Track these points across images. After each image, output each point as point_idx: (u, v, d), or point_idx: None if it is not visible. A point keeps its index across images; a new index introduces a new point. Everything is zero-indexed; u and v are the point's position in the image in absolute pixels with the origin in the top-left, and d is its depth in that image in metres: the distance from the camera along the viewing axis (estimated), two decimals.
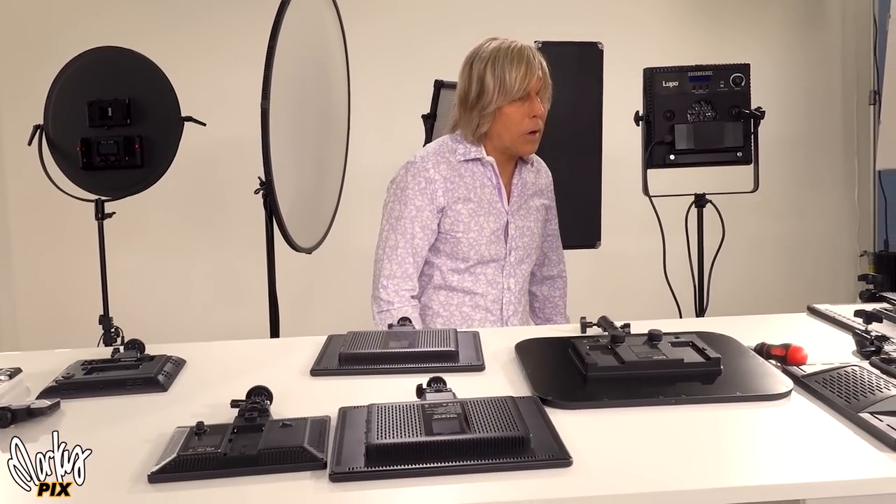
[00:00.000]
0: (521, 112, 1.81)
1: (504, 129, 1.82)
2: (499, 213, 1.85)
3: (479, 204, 1.83)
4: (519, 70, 1.78)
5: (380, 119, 3.49)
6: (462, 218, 1.81)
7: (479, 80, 1.80)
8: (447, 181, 1.82)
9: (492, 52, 1.81)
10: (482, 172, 1.85)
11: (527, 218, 1.91)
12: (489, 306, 1.85)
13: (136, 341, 1.34)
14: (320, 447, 0.92)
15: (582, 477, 0.86)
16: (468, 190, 1.83)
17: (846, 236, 4.13)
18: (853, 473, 0.87)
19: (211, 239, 3.66)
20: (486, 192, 1.84)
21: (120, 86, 2.45)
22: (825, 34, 4.06)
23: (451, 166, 1.83)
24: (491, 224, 1.83)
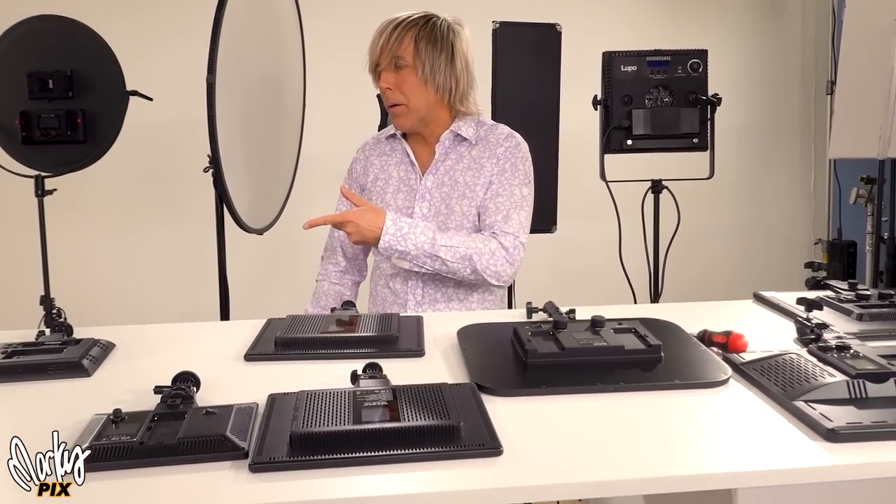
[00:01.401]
0: (379, 85, 1.74)
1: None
2: (409, 191, 1.76)
3: (389, 181, 1.78)
4: (372, 44, 1.71)
5: (336, 99, 3.42)
6: (371, 198, 1.80)
7: None
8: (366, 159, 1.84)
9: None
10: (399, 149, 1.81)
11: (448, 196, 1.72)
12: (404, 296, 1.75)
13: (62, 323, 1.28)
14: (244, 436, 0.89)
15: (511, 466, 0.84)
16: (380, 168, 1.81)
17: (801, 224, 4.19)
18: (784, 463, 0.86)
19: (161, 218, 3.57)
20: (400, 170, 1.79)
21: (62, 57, 2.34)
22: (785, 23, 4.09)
23: (377, 145, 1.84)
24: (398, 202, 1.76)
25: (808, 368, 1.03)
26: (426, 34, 1.68)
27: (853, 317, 1.36)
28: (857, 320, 1.34)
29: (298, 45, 2.70)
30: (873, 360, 1.03)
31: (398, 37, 1.67)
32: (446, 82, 1.69)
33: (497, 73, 2.41)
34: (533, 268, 3.24)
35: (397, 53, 1.67)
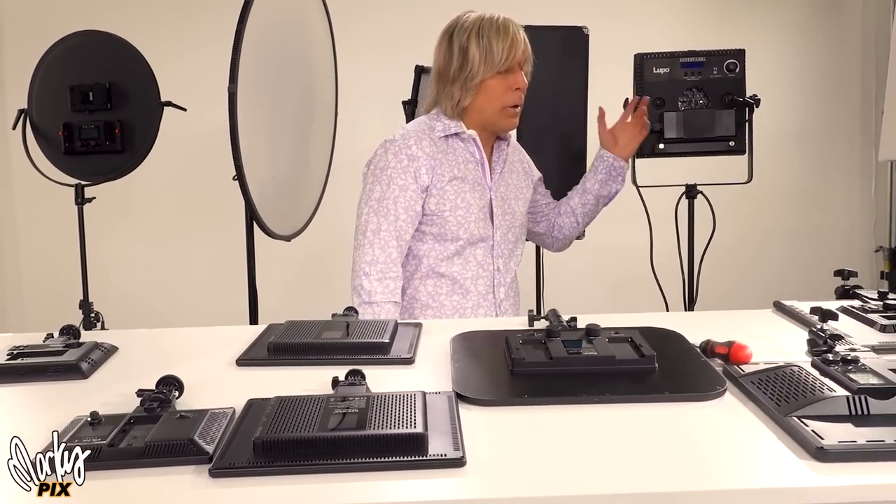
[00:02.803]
0: (505, 85, 1.75)
1: (487, 103, 1.76)
2: (483, 190, 1.78)
3: (464, 180, 1.76)
4: (505, 41, 1.73)
5: (370, 106, 3.46)
6: (448, 196, 1.73)
7: (461, 51, 1.74)
8: (431, 158, 1.73)
9: (475, 22, 1.76)
10: (464, 148, 1.78)
11: (508, 195, 1.84)
12: (481, 290, 1.78)
13: (70, 327, 1.32)
14: (212, 441, 0.89)
15: (472, 478, 0.82)
16: (452, 166, 1.75)
17: (861, 231, 4.00)
18: (766, 482, 0.81)
19: (195, 225, 3.68)
20: (469, 168, 1.78)
21: (101, 70, 2.45)
22: (843, 20, 3.92)
23: (434, 142, 1.76)
24: (477, 201, 1.76)
25: (808, 382, 0.97)
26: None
27: (877, 328, 1.28)
28: (881, 332, 1.26)
29: (329, 52, 2.73)
30: (880, 375, 0.96)
31: (525, 39, 1.78)
32: None
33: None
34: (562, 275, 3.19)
35: (527, 55, 1.78)
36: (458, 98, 1.75)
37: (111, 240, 3.53)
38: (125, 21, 2.94)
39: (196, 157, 3.56)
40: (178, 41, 3.50)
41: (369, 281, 1.68)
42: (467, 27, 1.76)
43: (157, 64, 2.50)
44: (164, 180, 3.51)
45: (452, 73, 1.75)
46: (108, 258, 3.43)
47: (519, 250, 1.89)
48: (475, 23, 1.75)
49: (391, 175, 1.72)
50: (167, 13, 3.59)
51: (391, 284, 1.69)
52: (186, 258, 3.70)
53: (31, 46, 2.61)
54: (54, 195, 2.65)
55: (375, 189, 1.73)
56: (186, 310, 3.64)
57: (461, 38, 1.75)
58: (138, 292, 3.65)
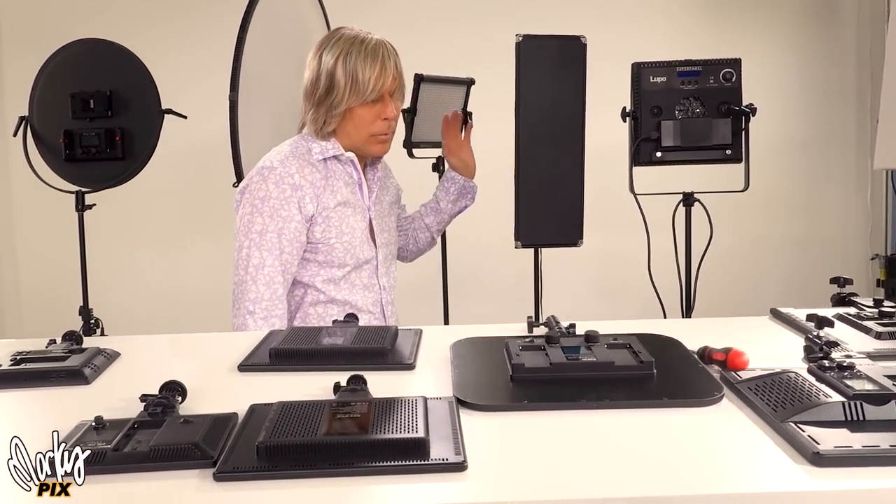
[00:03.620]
0: (373, 113, 1.68)
1: (353, 130, 1.70)
2: (363, 212, 1.75)
3: (347, 205, 1.70)
4: (374, 69, 1.65)
5: None
6: (334, 223, 1.67)
7: (328, 74, 1.65)
8: (314, 185, 1.66)
9: (344, 44, 1.66)
10: (343, 170, 1.73)
11: (383, 213, 1.83)
12: (371, 309, 1.76)
13: (72, 332, 1.33)
14: (216, 445, 0.90)
15: (474, 482, 0.83)
16: (336, 191, 1.69)
17: (857, 239, 4.02)
18: (763, 487, 0.82)
19: (196, 232, 3.69)
20: (350, 191, 1.73)
21: (101, 78, 2.47)
22: (839, 30, 3.95)
23: (314, 167, 1.68)
24: (360, 223, 1.72)
25: (805, 388, 0.98)
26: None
27: (872, 335, 1.29)
28: (877, 339, 1.28)
29: None
30: (876, 381, 0.97)
31: (397, 63, 1.71)
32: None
33: (521, 86, 2.39)
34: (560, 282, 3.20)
35: (398, 82, 1.71)
36: (322, 122, 1.68)
37: (111, 246, 3.54)
38: (126, 29, 2.95)
39: (196, 164, 3.58)
40: (179, 49, 3.52)
41: (254, 320, 1.62)
42: (336, 49, 1.66)
43: (157, 72, 2.52)
44: (164, 187, 3.52)
45: (318, 95, 1.67)
46: (108, 265, 3.44)
47: (395, 266, 1.89)
48: (345, 45, 1.65)
49: (274, 206, 1.62)
50: (168, 21, 3.61)
51: (276, 323, 1.63)
52: (186, 265, 3.71)
53: (32, 54, 2.63)
54: (55, 202, 2.66)
55: (256, 221, 1.63)
56: (186, 316, 3.64)
57: (328, 60, 1.66)
58: (138, 299, 3.65)
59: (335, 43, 1.66)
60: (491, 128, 3.01)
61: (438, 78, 2.73)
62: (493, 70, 2.93)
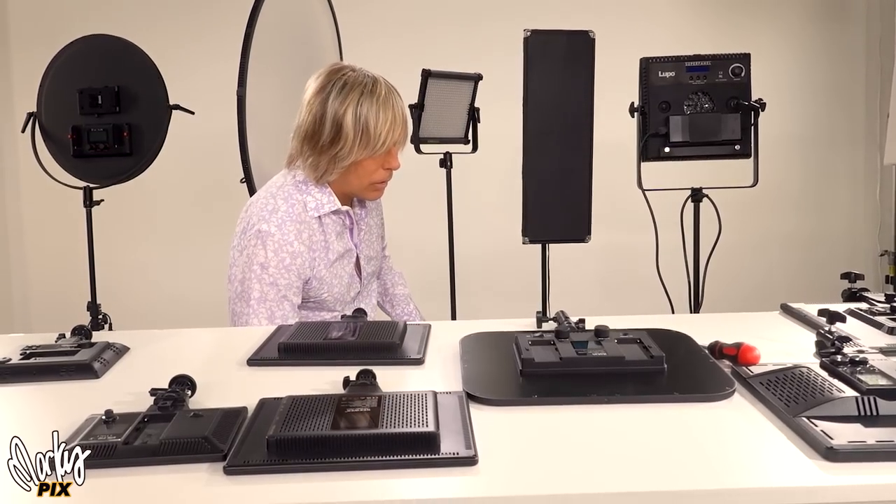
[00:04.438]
0: (377, 163, 1.61)
1: (356, 179, 1.63)
2: (351, 253, 1.71)
3: (338, 259, 1.67)
4: (385, 122, 1.56)
5: None
6: (326, 281, 1.64)
7: (334, 122, 1.55)
8: (311, 250, 1.61)
9: (354, 91, 1.56)
10: (336, 221, 1.67)
11: (370, 241, 1.79)
12: None
13: (82, 327, 1.33)
14: (226, 439, 0.90)
15: (484, 476, 0.82)
16: (328, 250, 1.64)
17: (866, 235, 4.00)
18: (778, 481, 0.81)
19: (203, 228, 3.69)
20: (340, 242, 1.67)
21: (110, 73, 2.46)
22: (848, 26, 3.92)
23: (310, 228, 1.61)
24: (347, 270, 1.70)
25: (818, 383, 0.98)
26: None
27: (884, 330, 1.28)
28: (889, 334, 1.27)
29: (336, 56, 2.75)
30: (889, 376, 0.96)
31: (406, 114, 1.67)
32: None
33: (529, 82, 2.39)
34: (568, 277, 3.19)
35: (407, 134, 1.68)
36: (323, 171, 1.59)
37: (119, 242, 3.55)
38: (134, 25, 2.95)
39: (204, 160, 3.58)
40: (187, 45, 3.53)
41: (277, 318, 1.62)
42: (346, 97, 1.56)
43: (165, 67, 2.51)
44: (172, 183, 3.53)
45: (322, 143, 1.57)
46: (116, 260, 3.44)
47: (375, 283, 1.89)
48: (356, 94, 1.55)
49: (273, 275, 1.56)
50: (176, 17, 3.61)
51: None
52: (194, 260, 3.71)
53: (40, 50, 2.63)
54: (63, 198, 2.66)
55: (254, 287, 1.56)
56: (194, 312, 3.64)
57: (336, 108, 1.55)
58: (146, 294, 3.66)
59: (344, 89, 1.56)
60: (498, 124, 3.01)
61: (446, 73, 2.73)
62: (500, 65, 2.92)
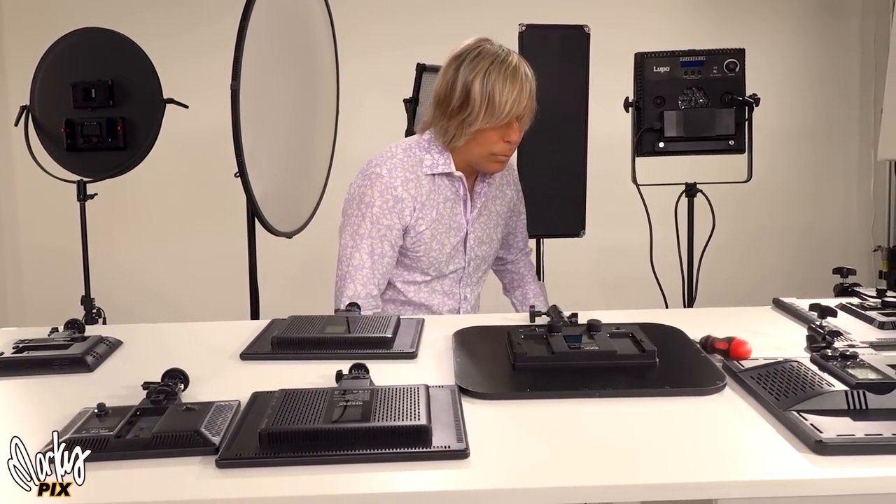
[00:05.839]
0: (498, 135, 1.62)
1: (477, 148, 1.64)
2: (459, 227, 1.72)
3: (441, 221, 1.69)
4: (511, 93, 1.58)
5: (372, 103, 3.47)
6: (424, 239, 1.68)
7: (464, 89, 1.59)
8: (414, 200, 1.66)
9: (485, 60, 1.59)
10: (448, 186, 1.70)
11: (487, 226, 1.78)
12: (444, 314, 1.74)
13: (75, 321, 1.33)
14: (218, 432, 0.90)
15: (476, 469, 0.83)
16: (433, 208, 1.68)
17: (860, 231, 4.01)
18: (768, 474, 0.82)
19: (197, 221, 3.69)
20: (448, 207, 1.70)
21: (103, 67, 2.45)
22: (843, 21, 3.93)
23: (419, 181, 1.67)
24: (452, 240, 1.70)
25: (808, 377, 0.98)
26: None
27: (875, 325, 1.29)
28: (879, 328, 1.28)
29: (331, 49, 2.74)
30: (878, 371, 0.97)
31: (534, 91, 1.64)
32: None
33: None
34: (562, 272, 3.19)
35: (533, 105, 1.64)
36: (451, 136, 1.64)
37: (113, 236, 3.54)
38: (127, 18, 2.94)
39: (198, 153, 3.57)
40: (181, 38, 3.51)
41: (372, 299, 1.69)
42: (476, 64, 1.59)
43: (158, 61, 2.50)
44: (165, 177, 3.52)
45: (451, 108, 1.62)
46: (110, 254, 3.44)
47: (487, 273, 1.86)
48: (486, 62, 1.59)
49: (376, 214, 1.65)
50: (169, 10, 3.59)
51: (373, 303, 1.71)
52: (188, 254, 3.71)
53: (33, 43, 2.62)
54: (56, 191, 2.65)
55: (361, 224, 1.66)
56: (188, 306, 3.65)
57: (466, 75, 1.59)
58: (140, 288, 3.66)
59: (476, 58, 1.59)
60: None
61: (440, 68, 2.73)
62: None
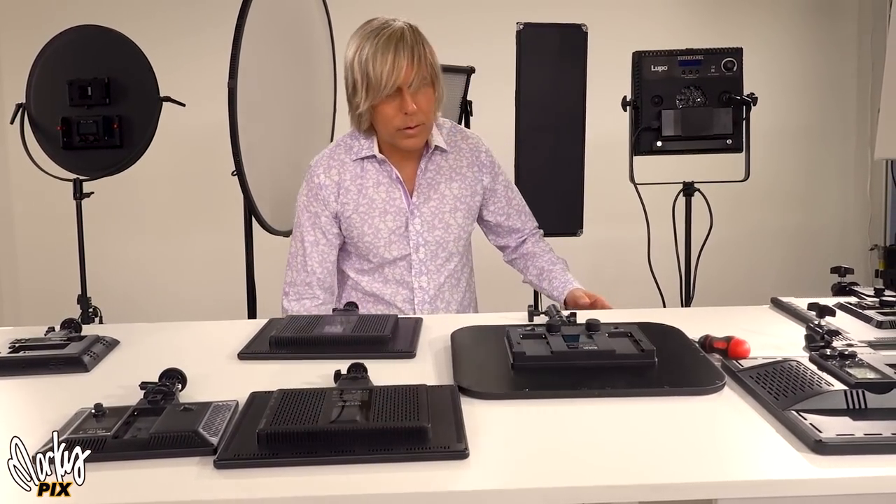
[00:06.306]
0: (394, 108, 1.58)
1: (381, 126, 1.62)
2: (399, 211, 1.68)
3: (372, 205, 1.67)
4: (385, 63, 1.53)
5: None
6: (355, 224, 1.67)
7: (348, 72, 1.60)
8: (338, 185, 1.67)
9: (360, 37, 1.57)
10: (379, 169, 1.68)
11: (439, 210, 1.70)
12: (402, 307, 1.71)
13: (71, 320, 1.32)
14: (216, 433, 0.90)
15: (475, 469, 0.82)
16: (359, 193, 1.67)
17: (856, 229, 4.02)
18: (767, 474, 0.82)
19: (194, 220, 3.69)
20: (380, 192, 1.67)
21: (99, 65, 2.44)
22: (840, 21, 3.93)
23: (344, 167, 1.68)
24: (388, 224, 1.67)
25: (807, 377, 0.98)
26: (426, 48, 1.58)
27: (873, 324, 1.29)
28: (877, 328, 1.28)
29: (328, 47, 2.73)
30: (877, 370, 0.97)
31: (421, 53, 1.56)
32: (443, 91, 1.64)
33: (521, 75, 2.39)
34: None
35: (417, 73, 1.55)
36: (358, 121, 1.65)
37: (109, 235, 3.53)
38: (124, 16, 2.93)
39: (195, 152, 3.56)
40: (177, 36, 3.50)
41: (288, 301, 1.74)
42: (353, 45, 1.58)
43: (155, 59, 2.50)
44: (162, 175, 3.51)
45: (347, 94, 1.63)
46: (107, 253, 3.43)
47: (454, 262, 1.76)
48: (361, 39, 1.57)
49: (304, 203, 1.70)
50: (166, 8, 3.58)
51: (307, 304, 1.71)
52: (185, 253, 3.70)
53: (29, 41, 2.61)
54: (52, 190, 2.65)
55: (298, 217, 1.73)
56: (184, 305, 3.64)
57: (348, 58, 1.59)
58: (136, 287, 3.65)
59: (353, 36, 1.60)
60: (491, 117, 3.00)
61: None
62: (493, 58, 2.92)
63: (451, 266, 1.75)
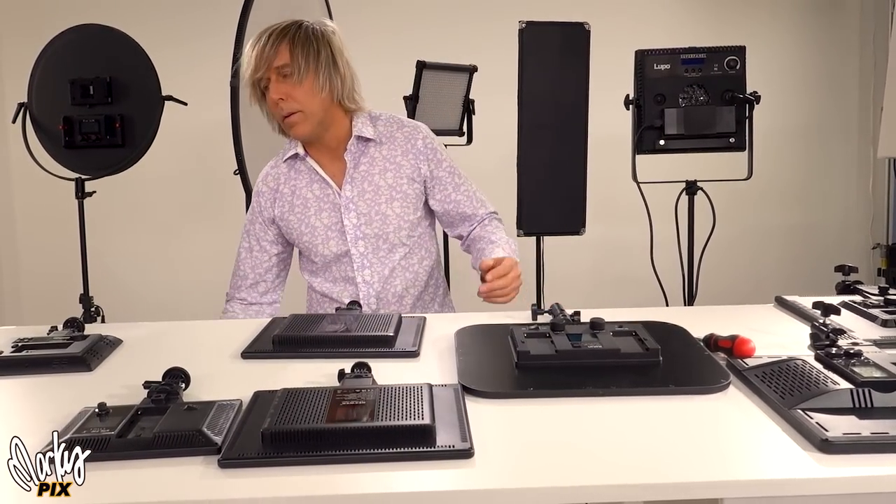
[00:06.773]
0: (269, 100, 1.65)
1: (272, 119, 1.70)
2: (332, 207, 1.69)
3: (307, 204, 1.70)
4: (249, 55, 1.62)
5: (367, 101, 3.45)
6: (293, 225, 1.71)
7: None
8: (273, 191, 1.73)
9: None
10: (306, 168, 1.71)
11: (374, 201, 1.68)
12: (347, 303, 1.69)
13: (74, 319, 1.32)
14: (220, 432, 0.89)
15: (480, 468, 0.82)
16: (293, 194, 1.71)
17: (859, 228, 4.01)
18: (774, 473, 0.81)
19: (196, 219, 3.68)
20: (314, 189, 1.70)
21: (101, 64, 2.43)
22: (842, 19, 3.93)
23: (279, 171, 1.74)
24: (323, 221, 1.69)
25: (812, 375, 0.98)
26: (302, 38, 1.62)
27: (878, 322, 1.28)
28: (882, 326, 1.27)
29: None
30: (883, 369, 0.96)
31: (275, 46, 1.60)
32: (333, 80, 1.64)
33: (524, 74, 2.39)
34: (563, 270, 3.20)
35: (279, 63, 1.60)
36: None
37: (111, 234, 3.53)
38: (126, 15, 2.93)
39: (197, 151, 3.56)
40: (179, 35, 3.50)
41: (226, 300, 1.81)
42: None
43: (157, 58, 2.49)
44: (164, 175, 3.51)
45: None
46: (109, 252, 3.43)
47: (400, 254, 1.72)
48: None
49: (248, 215, 1.79)
50: (168, 7, 3.58)
51: (235, 306, 1.79)
52: (187, 252, 3.70)
53: (31, 40, 2.60)
54: (54, 189, 2.64)
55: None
56: (186, 304, 3.63)
57: None
58: (138, 286, 3.65)
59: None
60: (493, 116, 3.00)
61: (440, 65, 2.72)
62: (495, 57, 2.91)
63: (395, 257, 1.71)
